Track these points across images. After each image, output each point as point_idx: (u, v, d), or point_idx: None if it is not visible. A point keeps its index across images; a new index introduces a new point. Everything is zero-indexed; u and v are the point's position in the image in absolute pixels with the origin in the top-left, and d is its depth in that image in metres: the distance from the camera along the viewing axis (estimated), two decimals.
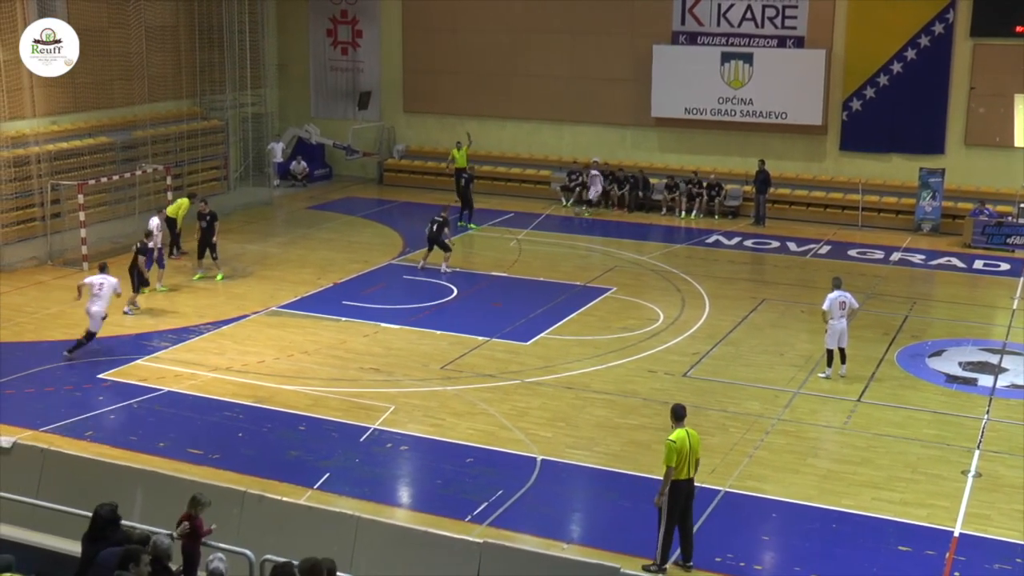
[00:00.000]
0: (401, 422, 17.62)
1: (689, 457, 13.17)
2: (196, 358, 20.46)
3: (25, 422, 17.24)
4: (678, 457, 13.05)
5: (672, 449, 13.03)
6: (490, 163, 35.82)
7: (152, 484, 13.84)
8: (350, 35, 37.88)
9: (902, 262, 28.07)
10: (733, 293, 25.00)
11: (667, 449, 13.07)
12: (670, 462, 13.05)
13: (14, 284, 25.15)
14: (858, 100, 32.06)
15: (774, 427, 17.64)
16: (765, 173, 31.34)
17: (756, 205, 31.79)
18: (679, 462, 13.08)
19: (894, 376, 19.94)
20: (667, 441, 13.13)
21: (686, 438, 13.16)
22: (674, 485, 13.15)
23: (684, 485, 13.26)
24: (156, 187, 30.21)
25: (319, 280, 25.52)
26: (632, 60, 34.01)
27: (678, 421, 13.35)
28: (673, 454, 13.02)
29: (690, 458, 13.19)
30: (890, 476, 15.93)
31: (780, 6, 32.31)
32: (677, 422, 13.34)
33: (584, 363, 20.44)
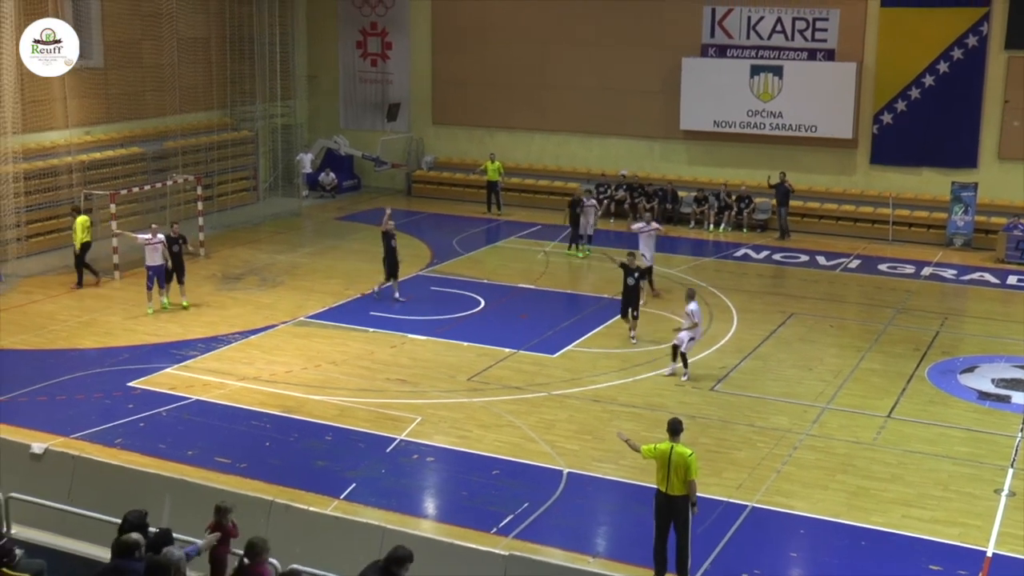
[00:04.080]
0: (428, 433, 17.62)
1: (669, 472, 12.90)
2: (225, 367, 20.56)
3: (56, 429, 17.36)
4: (658, 465, 13.02)
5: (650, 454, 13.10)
6: (518, 175, 35.89)
7: (180, 492, 13.88)
8: (380, 47, 38.05)
9: (933, 277, 27.87)
10: (761, 307, 24.90)
11: (693, 460, 12.91)
12: (648, 452, 13.12)
13: (47, 292, 25.35)
14: (889, 113, 31.91)
15: (802, 442, 17.53)
16: (785, 186, 31.17)
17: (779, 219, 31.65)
18: (658, 471, 13.05)
19: (925, 392, 19.78)
20: (692, 456, 12.96)
21: (667, 451, 12.93)
22: (656, 494, 13.17)
23: (660, 497, 13.12)
24: (187, 197, 30.43)
25: (347, 291, 25.59)
26: (661, 72, 34.00)
27: (672, 435, 13.12)
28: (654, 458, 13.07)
29: (669, 474, 12.90)
30: (921, 493, 15.78)
31: (811, 19, 32.22)
32: (672, 436, 13.12)
33: (611, 376, 20.39)
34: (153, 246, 23.68)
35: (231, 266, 27.84)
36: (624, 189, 34.14)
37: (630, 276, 21.80)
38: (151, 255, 23.70)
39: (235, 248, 29.64)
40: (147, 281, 23.82)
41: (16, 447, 15.18)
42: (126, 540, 10.38)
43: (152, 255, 23.69)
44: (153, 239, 23.76)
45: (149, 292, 23.81)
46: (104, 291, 25.54)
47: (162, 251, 23.74)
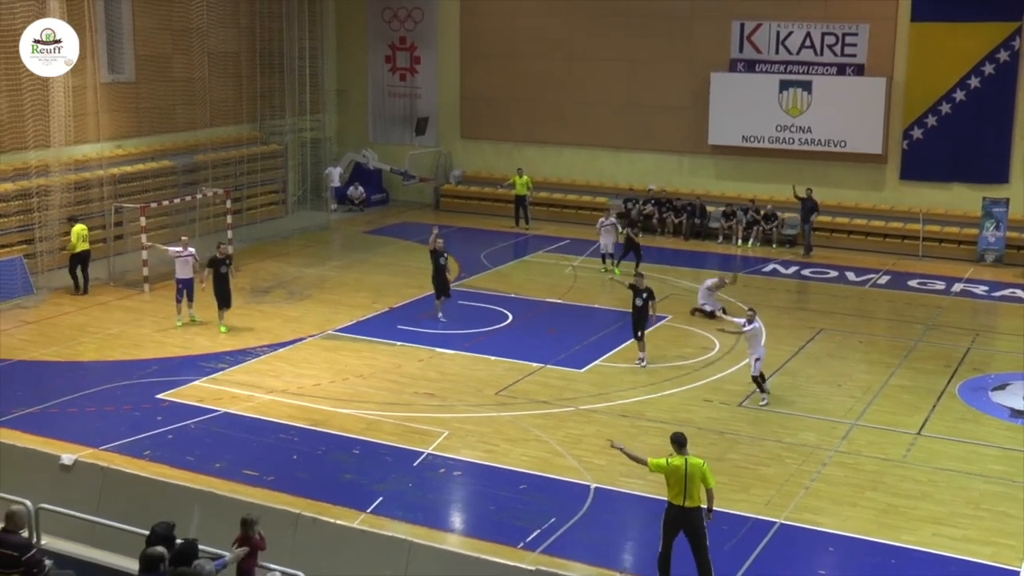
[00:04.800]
0: (455, 447, 17.61)
1: (687, 484, 12.97)
2: (253, 380, 20.63)
3: (86, 440, 17.47)
4: (672, 479, 13.03)
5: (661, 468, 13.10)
6: (547, 189, 35.91)
7: (208, 504, 13.93)
8: (408, 61, 38.21)
9: (964, 293, 27.66)
10: (790, 322, 24.77)
11: (707, 470, 13.09)
12: (656, 466, 13.15)
13: (77, 304, 25.54)
14: (919, 128, 31.73)
15: (831, 459, 17.41)
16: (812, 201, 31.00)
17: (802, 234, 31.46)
18: (672, 485, 13.06)
19: (955, 409, 19.61)
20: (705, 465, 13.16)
21: (682, 465, 12.99)
22: (668, 507, 13.21)
23: (676, 510, 13.11)
24: (216, 210, 30.60)
25: (375, 304, 25.64)
26: (690, 87, 33.97)
27: (679, 448, 13.21)
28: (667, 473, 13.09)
29: (688, 485, 12.97)
30: (952, 512, 15.63)
31: (840, 34, 32.11)
32: (679, 448, 13.21)
33: (639, 391, 20.34)
34: (184, 259, 23.78)
35: (260, 279, 27.96)
36: (652, 204, 34.10)
37: (638, 296, 21.72)
38: (181, 268, 23.79)
39: (264, 261, 29.78)
40: (176, 294, 23.94)
41: (46, 458, 15.29)
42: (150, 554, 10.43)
43: (183, 268, 23.78)
44: (184, 252, 23.87)
45: (179, 305, 23.93)
46: (134, 303, 25.70)
47: (192, 264, 23.87)
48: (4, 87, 26.23)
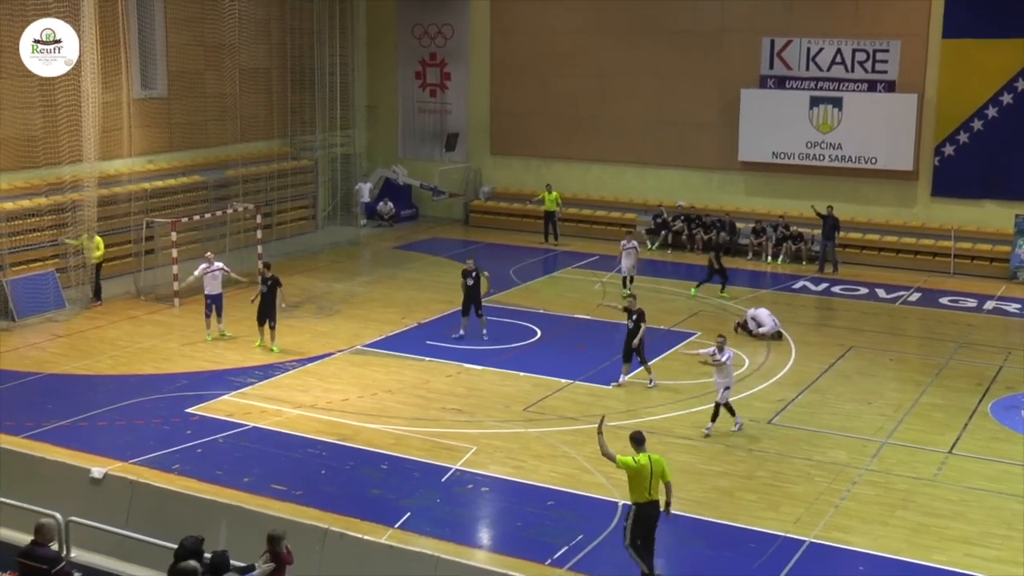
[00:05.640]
0: (482, 463, 17.59)
1: (651, 481, 13.52)
2: (282, 395, 20.70)
3: (115, 453, 17.56)
4: (638, 479, 13.51)
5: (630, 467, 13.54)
6: (576, 205, 35.91)
7: (237, 518, 13.97)
8: (438, 77, 38.35)
9: (996, 311, 27.42)
10: (820, 340, 24.63)
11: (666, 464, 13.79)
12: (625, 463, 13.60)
13: (108, 318, 25.72)
14: (951, 145, 31.54)
15: (861, 477, 17.27)
16: (833, 218, 30.84)
17: (823, 251, 31.23)
18: (639, 484, 13.53)
19: (987, 428, 19.42)
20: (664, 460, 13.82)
21: (647, 463, 13.50)
22: (638, 509, 13.59)
23: (647, 507, 13.59)
24: (246, 225, 30.76)
25: (404, 320, 25.69)
26: (720, 104, 33.92)
27: (638, 446, 13.76)
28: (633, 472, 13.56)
29: (652, 481, 13.53)
30: (984, 532, 15.47)
31: (871, 50, 31.99)
32: (638, 447, 13.75)
33: (667, 408, 20.26)
34: (212, 274, 23.95)
35: (289, 294, 27.84)
36: (682, 220, 34.03)
37: (629, 319, 21.58)
38: (210, 283, 23.96)
39: (293, 276, 29.85)
40: (205, 309, 24.08)
41: (76, 471, 15.39)
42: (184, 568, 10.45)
43: (211, 283, 23.95)
44: (210, 267, 24.03)
45: (208, 320, 24.07)
46: (163, 318, 25.86)
47: (221, 278, 24.04)
48: (39, 102, 26.49)
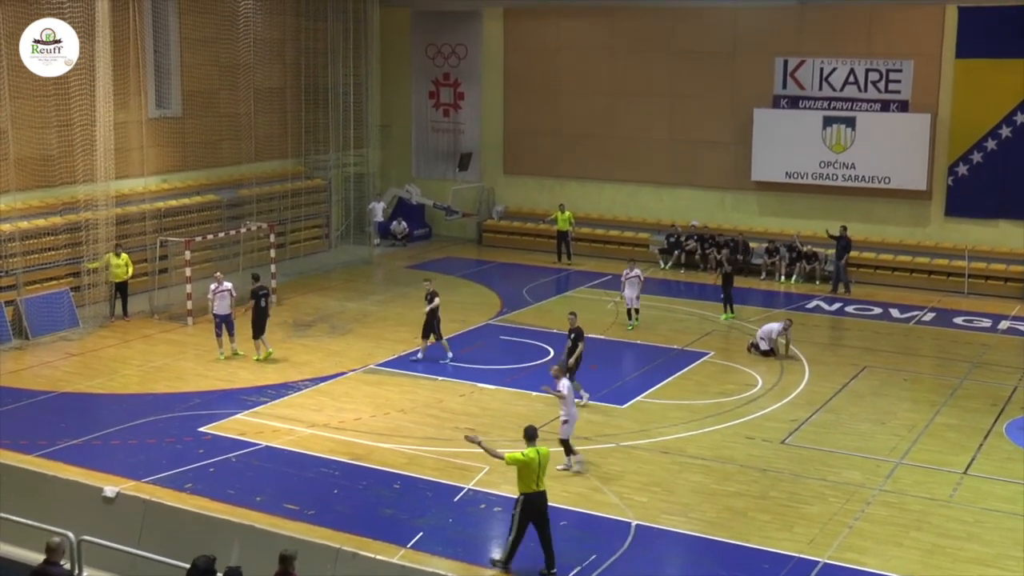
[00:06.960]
0: (495, 483, 17.54)
1: (540, 472, 14.37)
2: (294, 414, 20.71)
3: (128, 472, 17.56)
4: (527, 471, 14.29)
5: (519, 461, 14.28)
6: (588, 225, 35.93)
7: (249, 538, 13.97)
8: (452, 97, 38.46)
9: (1011, 331, 27.30)
10: (833, 359, 24.56)
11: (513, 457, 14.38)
12: (513, 459, 14.37)
13: (122, 337, 25.79)
14: (964, 165, 31.48)
15: (875, 497, 17.18)
16: (846, 239, 30.76)
17: (836, 272, 31.11)
18: (527, 476, 14.30)
19: (1003, 449, 19.31)
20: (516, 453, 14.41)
21: (536, 456, 14.32)
22: (526, 498, 14.36)
23: (535, 497, 14.41)
24: (259, 244, 30.84)
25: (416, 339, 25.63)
26: (733, 124, 33.95)
27: (530, 440, 14.58)
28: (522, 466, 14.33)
29: (540, 473, 14.38)
30: (999, 554, 15.36)
31: (884, 70, 31.99)
32: (529, 441, 14.57)
33: (680, 427, 20.21)
34: (221, 294, 24.07)
35: (302, 313, 28.12)
36: (695, 240, 34.02)
37: (568, 337, 21.80)
38: (219, 303, 24.07)
39: (306, 295, 29.96)
40: (215, 328, 24.14)
41: (89, 490, 15.44)
42: None
43: (220, 304, 24.06)
44: (220, 287, 24.12)
45: (219, 339, 24.12)
46: (177, 336, 25.92)
47: (230, 301, 24.14)
48: (55, 122, 26.65)
